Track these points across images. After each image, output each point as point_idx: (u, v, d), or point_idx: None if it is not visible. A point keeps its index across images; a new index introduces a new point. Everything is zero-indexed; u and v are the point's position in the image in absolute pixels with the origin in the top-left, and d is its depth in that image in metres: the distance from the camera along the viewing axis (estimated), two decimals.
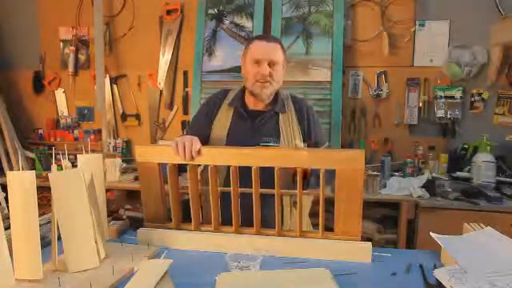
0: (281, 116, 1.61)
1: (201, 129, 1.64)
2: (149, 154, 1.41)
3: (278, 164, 1.31)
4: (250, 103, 1.64)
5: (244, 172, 1.33)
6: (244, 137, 1.56)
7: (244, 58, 1.62)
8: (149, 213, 1.46)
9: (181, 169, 1.44)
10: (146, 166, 1.41)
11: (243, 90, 1.67)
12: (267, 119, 1.61)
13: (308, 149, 1.51)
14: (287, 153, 1.35)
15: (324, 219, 1.33)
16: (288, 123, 1.60)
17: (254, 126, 1.60)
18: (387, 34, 2.84)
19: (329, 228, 1.35)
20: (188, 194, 1.41)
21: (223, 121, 1.63)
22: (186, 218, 1.46)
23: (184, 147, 1.33)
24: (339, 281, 1.02)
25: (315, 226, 1.62)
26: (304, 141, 1.61)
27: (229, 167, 1.36)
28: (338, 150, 1.67)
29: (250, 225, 1.37)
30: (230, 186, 1.37)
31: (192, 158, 1.34)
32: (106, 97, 3.31)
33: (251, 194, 1.34)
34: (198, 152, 1.34)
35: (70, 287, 1.06)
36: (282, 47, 1.59)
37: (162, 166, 1.42)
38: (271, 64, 1.54)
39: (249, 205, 1.35)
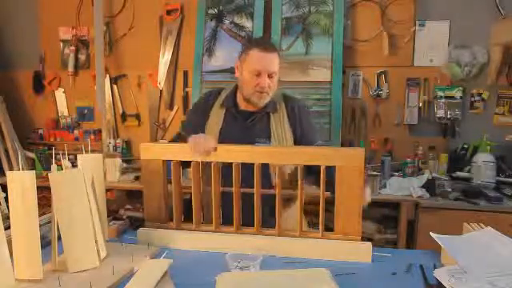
0: (272, 116, 1.61)
1: (196, 128, 1.63)
2: (154, 152, 1.42)
3: (290, 162, 1.35)
4: (242, 104, 1.64)
5: (241, 173, 1.35)
6: (236, 137, 1.55)
7: (241, 64, 1.59)
8: (150, 212, 1.46)
9: (183, 165, 1.46)
10: (150, 163, 1.42)
11: (235, 90, 1.66)
12: (258, 119, 1.61)
13: (309, 147, 1.52)
14: (298, 150, 1.39)
15: (324, 218, 1.33)
16: (279, 123, 1.60)
17: (245, 127, 1.60)
18: (387, 33, 2.84)
19: (328, 228, 1.35)
20: (189, 193, 1.41)
21: (215, 121, 1.63)
22: (187, 218, 1.47)
23: (200, 145, 1.35)
24: (339, 281, 1.02)
25: (312, 224, 1.63)
26: (295, 139, 1.61)
27: (228, 168, 1.37)
28: (338, 147, 1.71)
29: (248, 224, 1.38)
30: (227, 186, 1.38)
31: (207, 155, 1.36)
32: (106, 97, 3.30)
33: (248, 194, 1.35)
34: (214, 149, 1.36)
35: (70, 287, 1.06)
36: (279, 54, 1.58)
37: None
38: (270, 75, 1.53)
39: (246, 205, 1.36)
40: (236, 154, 1.37)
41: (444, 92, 2.81)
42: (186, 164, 1.44)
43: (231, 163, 1.37)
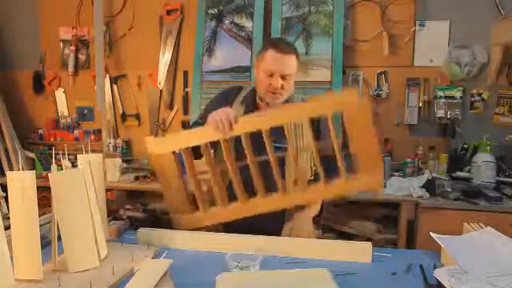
0: None
1: None
2: (162, 145, 1.43)
3: (295, 117, 1.42)
4: (261, 104, 1.64)
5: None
6: (255, 135, 1.55)
7: (258, 64, 1.60)
8: (172, 204, 1.47)
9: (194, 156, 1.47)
10: (160, 157, 1.43)
11: (254, 90, 1.67)
12: None
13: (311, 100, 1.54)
14: (300, 105, 1.51)
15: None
16: (298, 124, 1.60)
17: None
18: (387, 33, 2.83)
19: (330, 229, 1.37)
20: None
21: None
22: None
23: (222, 120, 1.36)
24: (339, 281, 1.02)
25: (321, 227, 1.63)
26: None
27: (238, 146, 1.40)
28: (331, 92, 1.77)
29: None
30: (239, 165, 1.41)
31: (231, 128, 1.37)
32: (106, 97, 3.30)
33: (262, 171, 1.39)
34: (236, 120, 1.37)
35: (69, 287, 1.06)
36: (297, 56, 1.57)
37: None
38: (284, 76, 1.53)
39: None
40: (245, 125, 1.39)
41: (444, 92, 2.81)
42: (195, 154, 1.46)
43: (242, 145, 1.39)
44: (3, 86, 3.42)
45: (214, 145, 1.48)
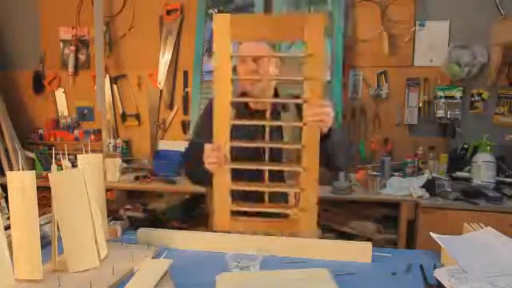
0: (283, 114, 1.61)
1: (207, 136, 1.63)
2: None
3: None
4: (251, 104, 1.64)
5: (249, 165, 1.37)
6: (249, 137, 1.55)
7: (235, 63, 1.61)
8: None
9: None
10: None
11: (242, 93, 1.66)
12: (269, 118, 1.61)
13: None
14: None
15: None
16: (291, 121, 1.60)
17: (256, 126, 1.60)
18: (387, 34, 2.83)
19: (330, 229, 1.36)
20: (190, 193, 1.41)
21: None
22: (186, 217, 1.46)
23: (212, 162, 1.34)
24: (339, 281, 1.02)
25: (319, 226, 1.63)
26: None
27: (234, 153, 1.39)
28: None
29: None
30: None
31: (225, 158, 1.35)
32: (106, 97, 3.30)
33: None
34: (219, 149, 1.34)
35: (69, 287, 1.06)
36: (269, 45, 1.59)
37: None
38: (256, 60, 1.53)
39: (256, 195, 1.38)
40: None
41: (444, 92, 2.81)
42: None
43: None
44: (3, 86, 3.42)
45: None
